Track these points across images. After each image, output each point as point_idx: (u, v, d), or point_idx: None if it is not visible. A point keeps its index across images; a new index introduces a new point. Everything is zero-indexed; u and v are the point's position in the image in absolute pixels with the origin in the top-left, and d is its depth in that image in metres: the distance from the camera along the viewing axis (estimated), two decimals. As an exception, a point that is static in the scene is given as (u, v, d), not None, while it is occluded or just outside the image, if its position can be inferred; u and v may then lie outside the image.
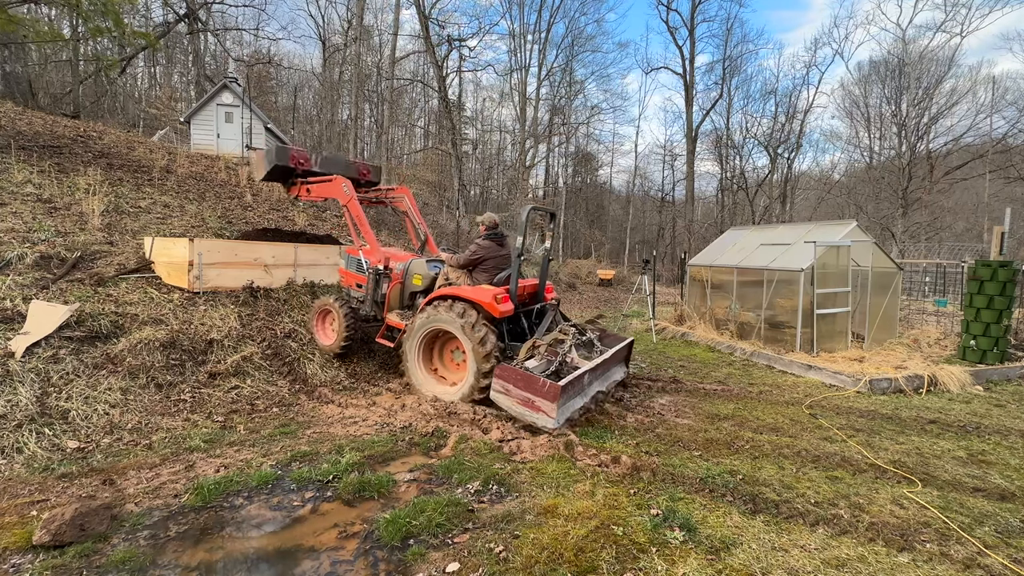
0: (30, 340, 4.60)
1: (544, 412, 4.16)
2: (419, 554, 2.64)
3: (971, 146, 23.63)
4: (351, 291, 6.53)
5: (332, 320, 6.34)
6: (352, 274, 6.61)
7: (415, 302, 5.87)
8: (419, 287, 5.91)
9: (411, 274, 6.01)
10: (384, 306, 6.02)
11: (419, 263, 6.09)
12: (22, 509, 3.00)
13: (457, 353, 5.38)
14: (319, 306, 6.42)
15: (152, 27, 23.43)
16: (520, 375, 4.32)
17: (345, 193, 6.35)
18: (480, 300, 4.96)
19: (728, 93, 32.43)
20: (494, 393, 4.41)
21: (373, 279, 6.04)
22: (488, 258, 5.47)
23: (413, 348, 5.34)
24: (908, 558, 2.65)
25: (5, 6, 9.58)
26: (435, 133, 38.19)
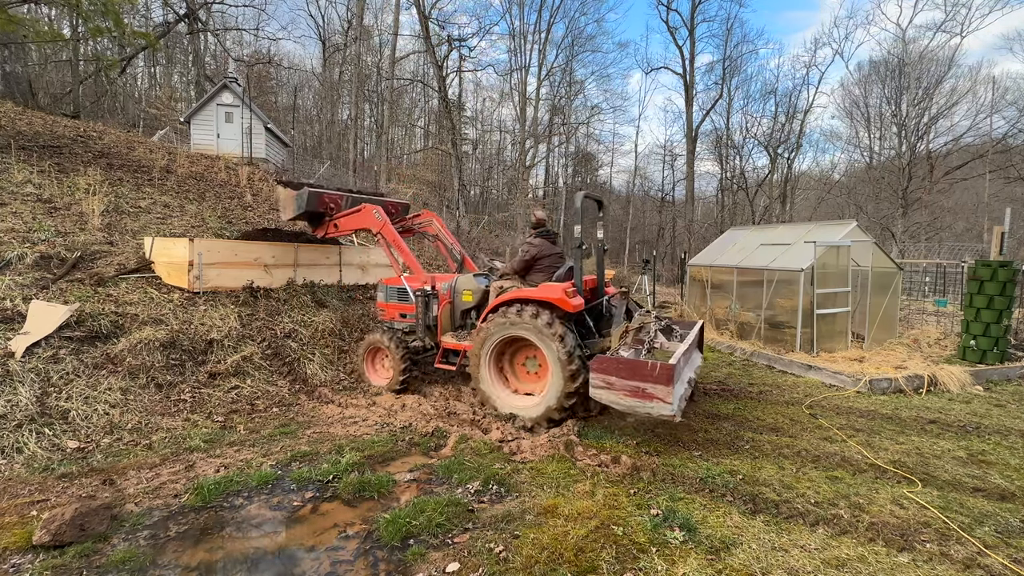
0: (30, 340, 4.60)
1: (659, 399, 3.74)
2: (419, 554, 2.64)
3: (971, 146, 23.63)
4: (394, 323, 6.08)
5: (384, 357, 5.95)
6: (394, 305, 6.15)
7: (467, 321, 5.63)
8: (470, 303, 5.58)
9: (459, 291, 5.67)
10: (437, 330, 5.62)
11: (466, 279, 5.76)
12: (22, 509, 3.00)
13: (531, 362, 4.94)
14: (367, 345, 5.94)
15: (152, 27, 23.43)
16: (622, 363, 3.91)
17: (377, 220, 6.08)
18: (550, 298, 4.57)
19: (728, 93, 32.44)
20: (594, 390, 4.01)
21: (422, 303, 5.58)
22: (543, 256, 5.13)
23: (484, 364, 4.86)
24: (908, 558, 2.65)
25: (5, 6, 9.58)
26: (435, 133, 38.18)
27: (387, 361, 5.89)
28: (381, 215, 6.11)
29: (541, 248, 5.14)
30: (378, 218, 6.11)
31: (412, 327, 5.84)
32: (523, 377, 5.05)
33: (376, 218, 6.12)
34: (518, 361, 5.07)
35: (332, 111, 29.19)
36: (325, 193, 6.55)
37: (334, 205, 6.58)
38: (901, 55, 25.45)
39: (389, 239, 6.07)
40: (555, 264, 5.18)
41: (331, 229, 6.67)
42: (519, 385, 5.02)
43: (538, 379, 4.89)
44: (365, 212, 6.27)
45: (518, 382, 5.05)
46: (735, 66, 32.71)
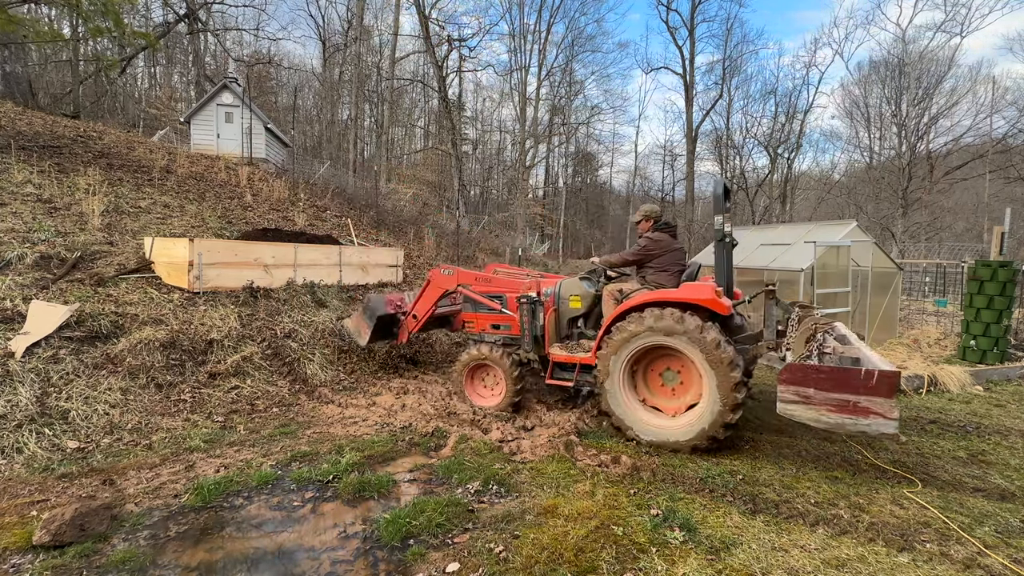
0: (30, 340, 4.59)
1: (880, 414, 3.14)
2: (419, 554, 2.64)
3: (971, 146, 23.65)
4: (484, 336, 5.47)
5: (489, 374, 5.26)
6: (483, 316, 5.49)
7: (573, 330, 5.08)
8: (579, 310, 4.99)
9: (565, 297, 5.05)
10: (545, 341, 4.98)
11: (572, 283, 5.13)
12: (22, 509, 3.00)
13: (669, 375, 4.32)
14: (469, 361, 5.22)
15: (152, 27, 23.43)
16: (824, 372, 3.31)
17: (449, 275, 5.57)
18: (698, 299, 4.01)
19: (728, 93, 32.48)
20: (785, 405, 3.40)
21: (528, 311, 4.89)
22: (664, 253, 4.50)
23: (617, 380, 4.21)
24: (908, 558, 2.64)
25: (5, 6, 9.58)
26: (435, 133, 38.18)
27: (493, 378, 5.24)
28: (448, 269, 5.65)
29: (662, 243, 4.50)
30: (448, 274, 5.59)
31: (506, 340, 5.29)
32: (659, 392, 4.40)
33: (446, 275, 5.59)
34: (652, 375, 4.42)
35: (332, 111, 29.20)
36: (385, 295, 6.23)
37: (400, 302, 6.21)
38: (901, 55, 25.47)
39: (469, 282, 5.49)
40: (678, 262, 4.58)
41: (411, 323, 5.89)
42: (656, 402, 4.36)
43: (676, 395, 4.27)
44: (434, 279, 5.65)
45: (653, 398, 4.38)
46: (735, 66, 32.76)
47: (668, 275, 4.51)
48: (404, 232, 15.02)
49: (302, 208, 12.01)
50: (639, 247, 4.60)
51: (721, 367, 3.80)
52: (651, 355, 4.32)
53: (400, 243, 13.08)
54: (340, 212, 13.53)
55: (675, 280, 4.48)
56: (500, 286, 5.33)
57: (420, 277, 10.80)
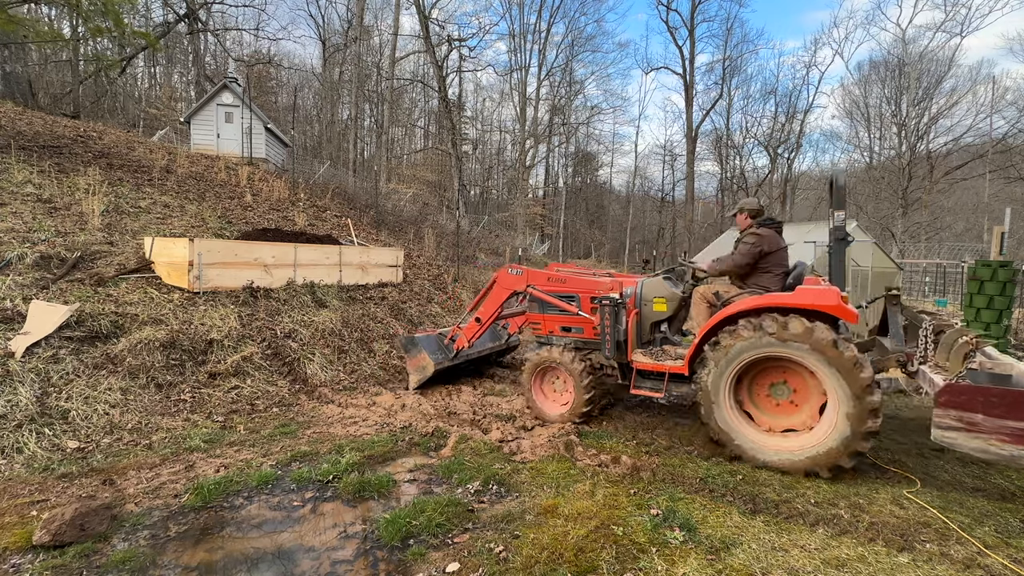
0: (30, 340, 4.60)
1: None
2: (419, 554, 2.64)
3: (971, 146, 23.64)
4: (552, 338, 5.16)
5: (559, 378, 4.91)
6: (552, 317, 5.11)
7: (655, 335, 4.73)
8: (663, 314, 4.60)
9: (648, 299, 4.62)
10: (628, 347, 4.52)
11: (655, 283, 4.69)
12: (22, 509, 3.00)
13: (779, 388, 3.89)
14: (536, 364, 4.89)
15: (152, 27, 23.43)
16: (998, 395, 2.79)
17: (518, 275, 5.28)
18: (821, 305, 3.56)
19: (728, 93, 32.51)
20: (942, 432, 2.94)
21: (610, 314, 4.41)
22: (771, 252, 4.08)
23: (723, 393, 3.83)
24: (908, 558, 2.64)
25: (5, 6, 9.58)
26: (435, 133, 38.20)
27: (562, 383, 4.90)
28: (515, 268, 5.32)
29: (770, 241, 4.07)
30: (516, 273, 5.25)
31: (577, 343, 4.95)
32: (767, 408, 3.97)
33: (514, 274, 5.26)
34: (760, 386, 3.98)
35: (332, 111, 29.20)
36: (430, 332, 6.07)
37: (429, 331, 6.02)
38: (901, 55, 25.47)
39: (539, 283, 5.15)
40: (783, 262, 4.17)
41: (471, 327, 5.69)
42: (765, 418, 3.94)
43: (787, 411, 3.86)
44: (501, 279, 5.37)
45: (762, 413, 3.96)
46: (735, 66, 32.77)
47: (773, 277, 4.07)
48: (404, 232, 15.02)
49: (302, 208, 12.01)
50: (748, 247, 4.09)
51: (857, 387, 3.35)
52: (758, 366, 3.87)
53: (400, 243, 13.08)
54: (340, 212, 13.53)
55: (780, 282, 4.04)
56: (575, 286, 4.97)
57: (420, 277, 10.80)
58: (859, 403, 3.36)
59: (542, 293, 5.09)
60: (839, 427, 3.43)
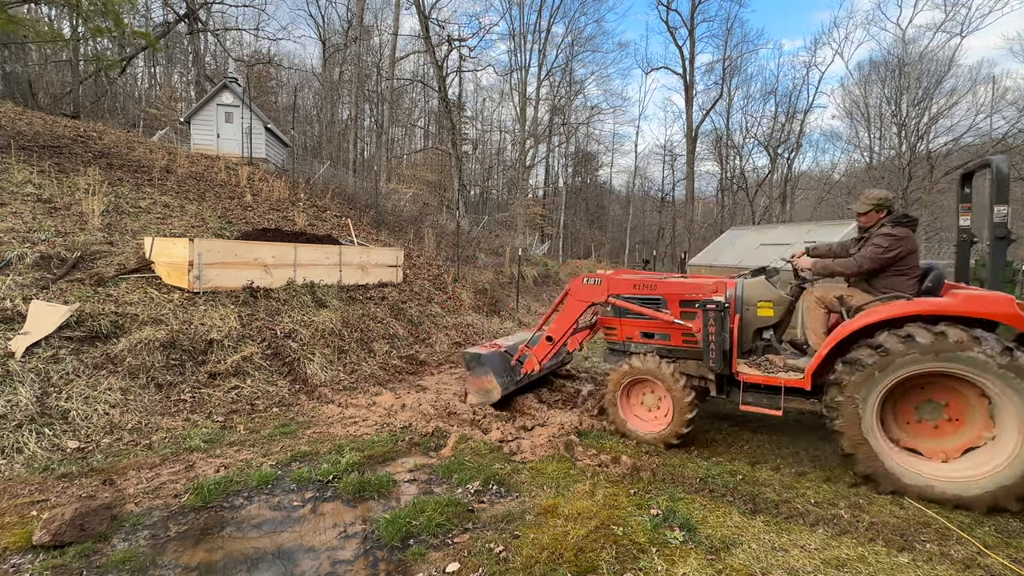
0: (30, 340, 4.59)
1: None
2: (419, 554, 2.64)
3: (971, 146, 23.62)
4: (630, 345, 4.72)
5: (649, 392, 4.40)
6: (631, 322, 4.64)
7: (757, 343, 4.28)
8: (769, 319, 4.15)
9: (751, 303, 4.18)
10: (732, 357, 4.03)
11: (758, 285, 4.25)
12: (22, 509, 3.00)
13: (929, 408, 3.43)
14: (623, 376, 4.36)
15: (152, 27, 23.44)
16: None
17: (596, 285, 4.70)
18: (995, 313, 3.20)
19: (728, 93, 32.51)
20: None
21: (717, 320, 3.88)
22: (909, 254, 3.64)
23: (869, 411, 3.36)
24: (908, 558, 2.64)
25: (5, 6, 9.58)
26: (435, 133, 38.21)
27: (654, 397, 4.36)
28: (595, 276, 4.72)
29: (909, 243, 3.62)
30: (594, 282, 4.70)
31: (660, 351, 4.49)
32: (915, 431, 3.51)
33: (595, 285, 4.70)
34: (907, 407, 3.53)
35: (332, 111, 29.20)
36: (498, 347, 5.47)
37: (492, 345, 5.44)
38: (901, 55, 25.47)
39: (621, 288, 4.63)
40: (918, 262, 3.73)
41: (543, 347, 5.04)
42: (911, 442, 3.50)
43: (943, 434, 3.43)
44: (575, 292, 4.79)
45: (909, 438, 3.51)
46: (735, 66, 32.78)
47: (908, 280, 3.62)
48: (404, 232, 15.02)
49: (302, 208, 12.01)
50: (882, 251, 3.60)
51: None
52: (906, 384, 3.43)
53: (400, 243, 13.08)
54: (340, 212, 13.53)
55: (916, 286, 3.62)
56: (665, 289, 4.47)
57: (420, 277, 10.80)
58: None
59: (627, 304, 4.52)
60: None
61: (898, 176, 23.43)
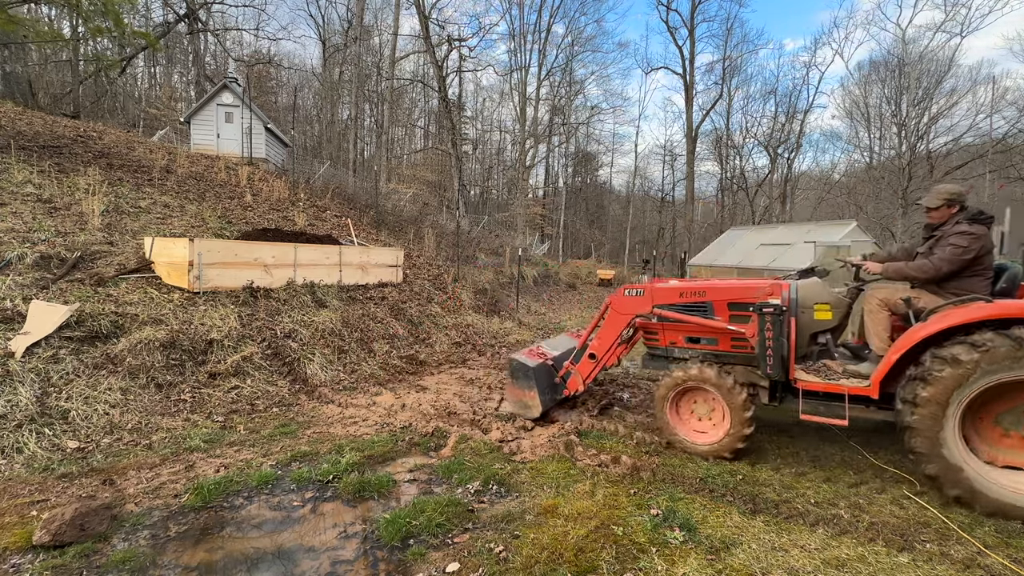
0: (30, 340, 4.60)
1: None
2: (419, 554, 2.64)
3: (971, 146, 23.62)
4: (673, 350, 4.47)
5: (701, 401, 4.12)
6: (674, 326, 4.39)
7: (812, 347, 4.03)
8: (828, 323, 3.92)
9: (807, 304, 3.90)
10: (790, 363, 3.76)
11: (814, 287, 4.01)
12: (22, 509, 3.00)
13: (1008, 419, 3.22)
14: (674, 383, 4.07)
15: (152, 27, 23.45)
16: None
17: (638, 297, 4.45)
18: None
19: (728, 93, 32.53)
20: None
21: (776, 324, 3.65)
22: (986, 253, 3.47)
23: (951, 425, 3.12)
24: (908, 558, 2.64)
25: (5, 6, 9.58)
26: (435, 133, 38.21)
27: (707, 406, 4.10)
28: (637, 288, 4.45)
29: (986, 241, 3.45)
30: (638, 296, 4.42)
31: (705, 356, 4.25)
32: (1000, 443, 3.27)
33: (637, 297, 4.43)
34: (985, 419, 3.29)
35: (332, 111, 29.20)
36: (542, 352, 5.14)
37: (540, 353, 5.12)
38: (901, 55, 25.46)
39: (666, 297, 4.32)
40: (991, 262, 3.58)
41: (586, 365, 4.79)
42: (994, 455, 3.27)
43: None
44: (616, 306, 4.53)
45: (997, 452, 3.27)
46: (735, 66, 32.79)
47: (982, 281, 3.46)
48: (404, 232, 15.02)
49: (302, 208, 12.01)
50: (960, 251, 3.41)
51: None
52: (988, 393, 3.18)
53: (400, 243, 13.08)
54: (340, 212, 13.53)
55: (990, 287, 3.47)
56: (715, 295, 4.18)
57: (420, 277, 10.80)
58: None
59: (673, 314, 4.25)
60: None
61: (898, 176, 23.41)
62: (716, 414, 4.04)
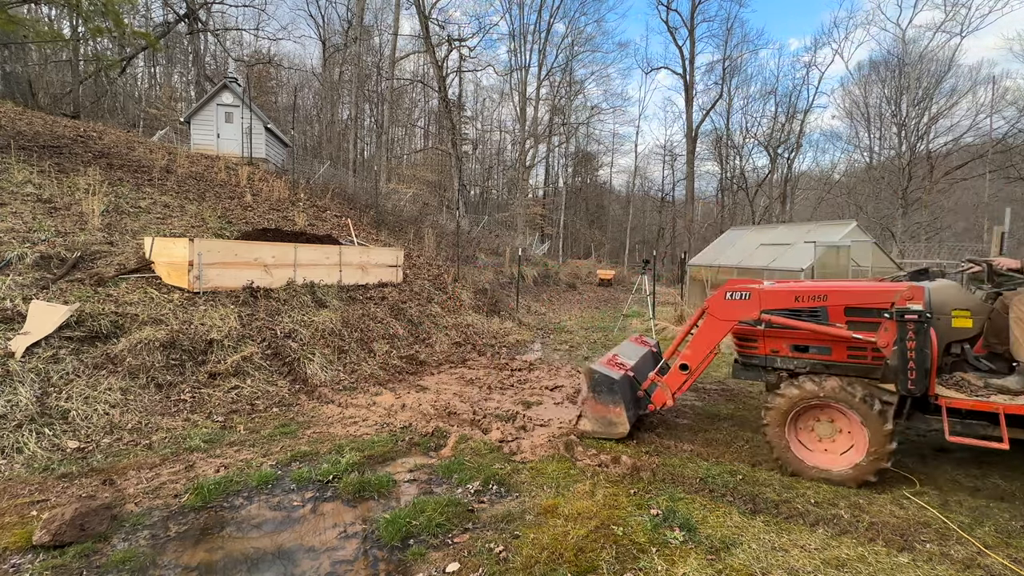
0: (30, 340, 4.59)
1: None
2: (419, 554, 2.64)
3: (971, 146, 23.62)
4: (776, 359, 4.05)
5: (826, 420, 3.63)
6: (778, 332, 3.97)
7: (946, 359, 3.63)
8: (968, 331, 3.52)
9: (943, 310, 3.50)
10: (931, 377, 3.32)
11: (948, 289, 3.63)
12: (22, 509, 3.00)
13: None
14: (793, 401, 3.59)
15: (152, 27, 23.45)
16: None
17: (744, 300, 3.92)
18: None
19: (728, 93, 32.53)
20: None
21: (919, 332, 3.23)
22: None
23: None
24: (908, 558, 2.64)
25: (5, 6, 9.58)
26: (435, 133, 38.21)
27: (833, 427, 3.61)
28: (742, 291, 3.91)
29: None
30: (744, 299, 3.88)
31: (815, 368, 3.85)
32: None
33: (743, 300, 3.89)
34: None
35: (332, 111, 29.20)
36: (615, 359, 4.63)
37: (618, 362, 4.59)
38: (901, 55, 25.47)
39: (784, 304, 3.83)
40: None
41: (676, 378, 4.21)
42: None
43: None
44: (715, 311, 4.00)
45: None
46: (735, 66, 32.79)
47: None
48: (404, 232, 15.02)
49: (302, 208, 12.01)
50: None
51: None
52: None
53: (400, 243, 13.09)
54: (340, 212, 13.53)
55: None
56: (840, 298, 3.74)
57: (420, 277, 10.80)
58: None
59: (786, 319, 3.81)
60: None
61: (898, 176, 23.41)
62: (844, 434, 3.56)
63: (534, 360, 7.85)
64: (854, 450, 3.50)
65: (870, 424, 3.37)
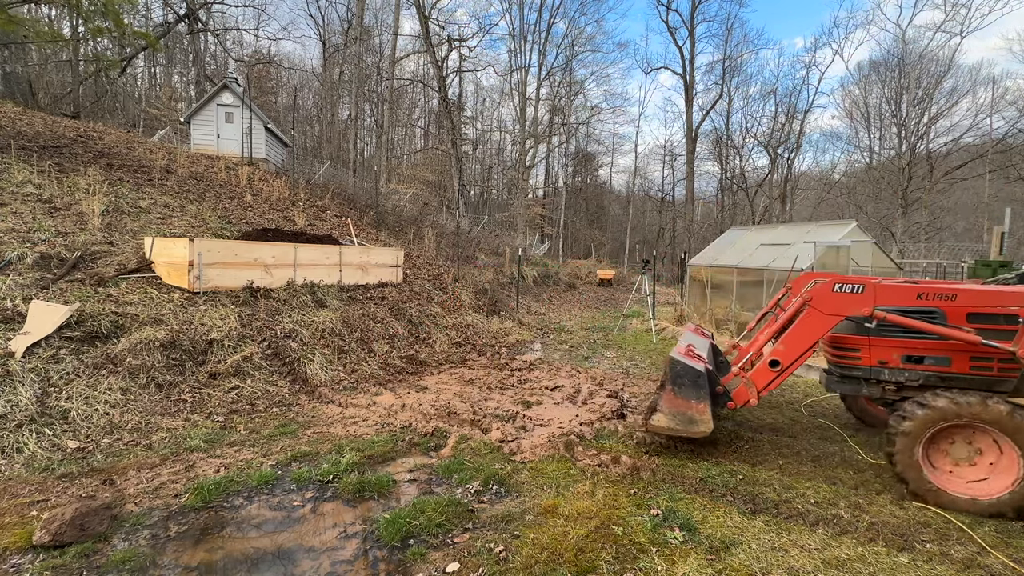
0: (30, 340, 4.59)
1: None
2: (419, 554, 2.64)
3: (971, 146, 23.62)
4: (883, 371, 3.68)
5: (962, 442, 3.27)
6: (887, 341, 3.66)
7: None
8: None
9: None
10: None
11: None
12: (22, 509, 3.00)
13: None
14: (927, 421, 3.21)
15: (152, 27, 23.45)
16: None
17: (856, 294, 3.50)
18: None
19: (728, 93, 32.53)
20: None
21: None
22: None
23: None
24: (908, 558, 2.65)
25: (5, 6, 9.58)
26: (435, 133, 38.21)
27: (972, 449, 3.27)
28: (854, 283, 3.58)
29: None
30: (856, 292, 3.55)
31: (929, 380, 3.53)
32: None
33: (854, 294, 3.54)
34: None
35: (332, 111, 29.20)
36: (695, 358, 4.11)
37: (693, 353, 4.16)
38: (901, 55, 25.47)
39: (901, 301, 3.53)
40: None
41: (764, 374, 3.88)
42: None
43: None
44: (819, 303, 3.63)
45: None
46: (735, 66, 32.79)
47: None
48: (404, 232, 15.02)
49: (302, 208, 12.01)
50: None
51: None
52: None
53: (400, 243, 13.09)
54: (340, 212, 13.53)
55: None
56: (970, 299, 3.42)
57: (420, 277, 10.80)
58: None
59: (903, 318, 3.44)
60: None
61: (898, 176, 23.42)
62: (983, 458, 3.24)
63: (534, 360, 7.85)
64: (1003, 475, 3.12)
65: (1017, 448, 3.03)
